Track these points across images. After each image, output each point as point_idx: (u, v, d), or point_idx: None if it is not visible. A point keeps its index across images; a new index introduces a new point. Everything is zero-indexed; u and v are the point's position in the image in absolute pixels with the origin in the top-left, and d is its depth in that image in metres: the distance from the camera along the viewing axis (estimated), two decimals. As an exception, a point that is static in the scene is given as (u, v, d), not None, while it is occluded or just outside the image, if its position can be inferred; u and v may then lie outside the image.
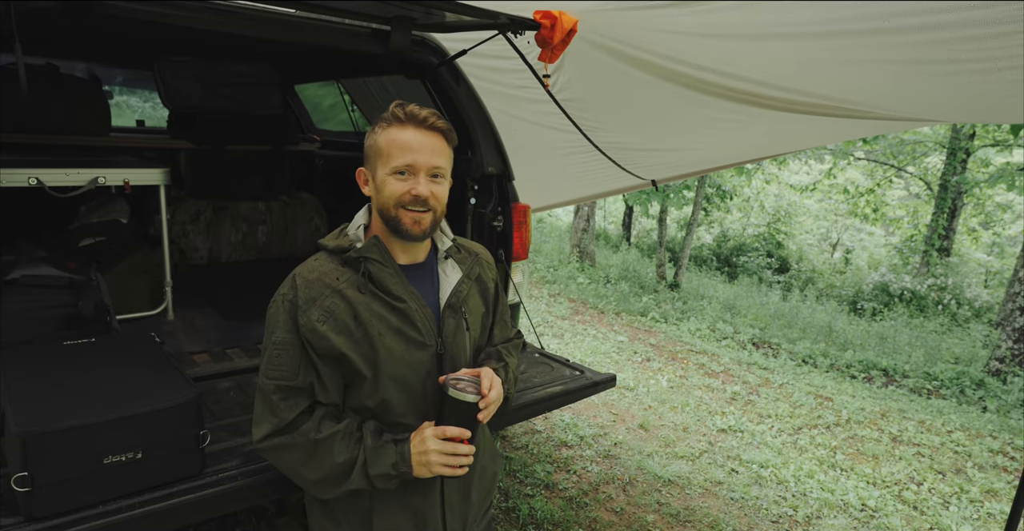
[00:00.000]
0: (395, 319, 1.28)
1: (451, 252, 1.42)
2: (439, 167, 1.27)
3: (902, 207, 14.31)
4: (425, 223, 1.27)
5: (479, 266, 1.47)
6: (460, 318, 1.36)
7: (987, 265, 12.99)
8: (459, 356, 1.36)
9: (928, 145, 11.60)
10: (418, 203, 1.25)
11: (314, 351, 1.25)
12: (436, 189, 1.27)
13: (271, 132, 3.65)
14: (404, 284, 1.30)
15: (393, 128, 1.26)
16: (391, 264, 1.30)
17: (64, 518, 1.42)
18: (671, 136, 3.18)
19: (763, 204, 15.31)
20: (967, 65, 1.65)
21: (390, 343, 1.27)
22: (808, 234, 16.19)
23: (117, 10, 1.79)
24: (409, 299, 1.30)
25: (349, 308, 1.26)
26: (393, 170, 1.25)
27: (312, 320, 1.24)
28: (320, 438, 1.24)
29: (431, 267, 1.39)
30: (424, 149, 1.25)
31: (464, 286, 1.39)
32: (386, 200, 1.27)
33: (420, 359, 1.31)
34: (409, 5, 1.89)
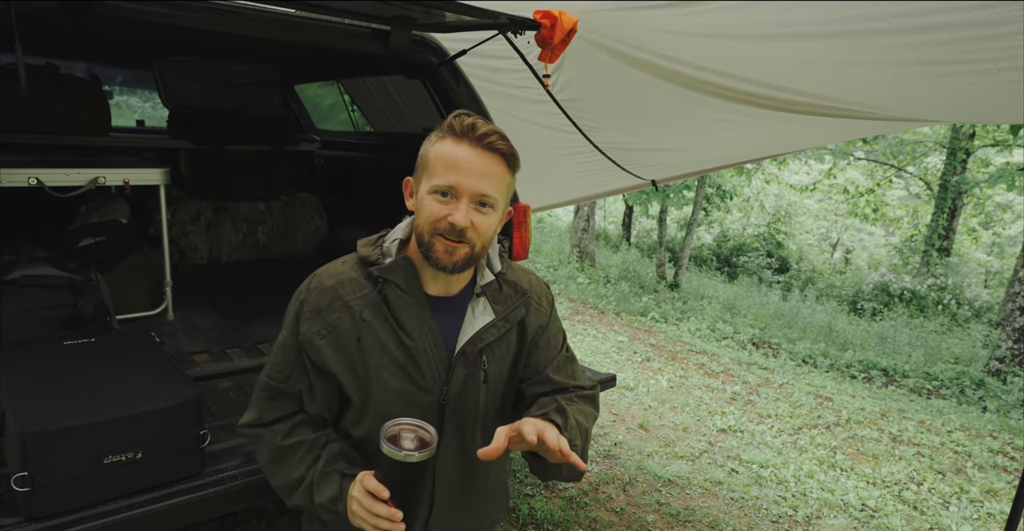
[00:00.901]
0: (400, 354, 1.14)
1: (489, 289, 1.21)
2: (487, 195, 1.08)
3: (902, 207, 14.31)
4: (459, 255, 1.09)
5: (525, 307, 1.24)
6: (476, 369, 1.18)
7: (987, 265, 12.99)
8: (467, 409, 1.19)
9: (928, 145, 11.60)
10: (453, 233, 1.07)
11: (310, 362, 1.16)
12: (479, 221, 1.08)
13: (271, 132, 3.65)
14: (422, 318, 1.14)
15: (447, 141, 1.10)
16: (414, 292, 1.14)
17: (64, 518, 1.42)
18: (671, 136, 3.18)
19: (763, 204, 15.32)
20: (967, 66, 1.65)
21: (387, 378, 1.13)
22: (808, 234, 16.19)
23: (117, 10, 1.79)
24: (420, 337, 1.14)
25: (354, 328, 1.13)
26: (434, 189, 1.08)
27: (311, 332, 1.14)
28: (285, 445, 1.16)
29: (463, 303, 1.20)
30: (473, 171, 1.07)
31: (493, 331, 1.18)
32: (422, 221, 1.10)
33: (419, 403, 1.16)
34: (409, 5, 1.89)
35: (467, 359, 1.17)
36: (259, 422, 1.20)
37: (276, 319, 3.03)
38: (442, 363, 1.16)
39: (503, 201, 1.13)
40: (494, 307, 1.20)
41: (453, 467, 1.23)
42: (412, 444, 1.01)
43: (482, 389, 1.19)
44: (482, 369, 1.18)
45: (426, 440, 1.02)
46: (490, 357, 1.19)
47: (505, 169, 1.11)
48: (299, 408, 1.20)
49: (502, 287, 1.23)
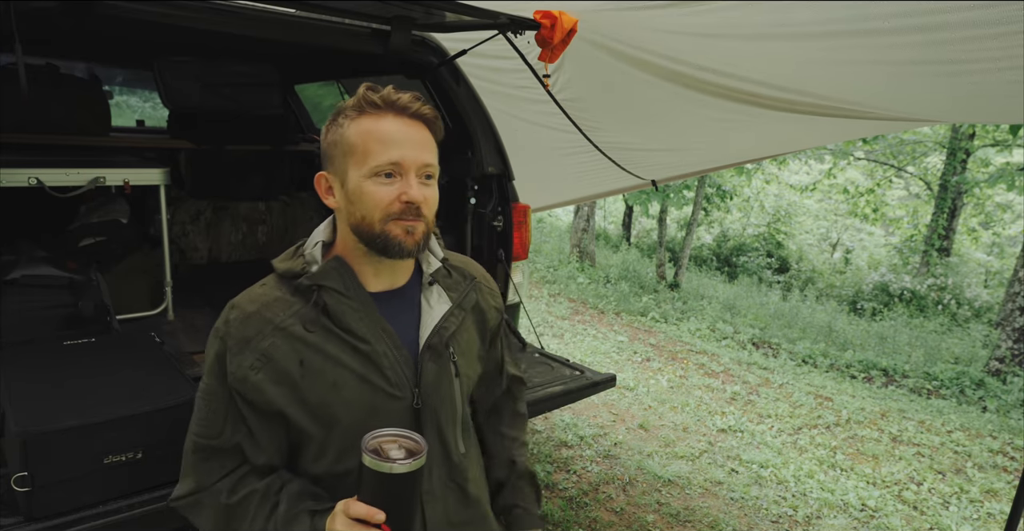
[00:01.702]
0: (357, 364, 0.99)
1: (439, 276, 1.11)
2: (430, 165, 0.99)
3: (902, 207, 14.31)
4: (419, 234, 0.99)
5: (477, 292, 1.16)
6: (446, 362, 1.06)
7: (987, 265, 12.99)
8: (444, 410, 1.06)
9: (928, 145, 11.60)
10: (410, 211, 0.96)
11: (246, 404, 0.98)
12: (428, 194, 0.99)
13: (271, 132, 3.65)
14: (372, 319, 1.01)
15: (366, 118, 0.98)
16: (356, 293, 1.01)
17: (64, 518, 1.42)
18: (671, 136, 3.18)
19: (763, 204, 15.32)
20: (967, 65, 1.65)
21: (349, 395, 0.98)
22: (808, 234, 16.19)
23: (118, 10, 1.79)
24: (376, 339, 1.00)
25: (293, 351, 0.97)
26: (373, 171, 0.96)
27: (243, 367, 0.96)
28: (232, 502, 0.98)
29: (412, 295, 1.08)
30: (411, 143, 0.97)
31: (453, 320, 1.09)
32: (368, 211, 0.97)
33: (389, 413, 1.00)
34: (409, 5, 1.89)
35: (435, 352, 1.05)
36: (198, 490, 1.03)
37: (276, 319, 3.01)
38: (406, 363, 1.02)
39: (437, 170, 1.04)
40: (448, 294, 1.11)
41: (442, 482, 1.08)
42: (400, 453, 0.87)
43: (456, 384, 1.07)
44: (452, 362, 1.07)
45: (413, 449, 0.87)
46: (456, 348, 1.09)
47: (431, 136, 1.02)
48: (241, 461, 1.02)
49: (451, 273, 1.14)
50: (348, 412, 0.99)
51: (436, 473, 1.07)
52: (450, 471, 1.10)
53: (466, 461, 1.13)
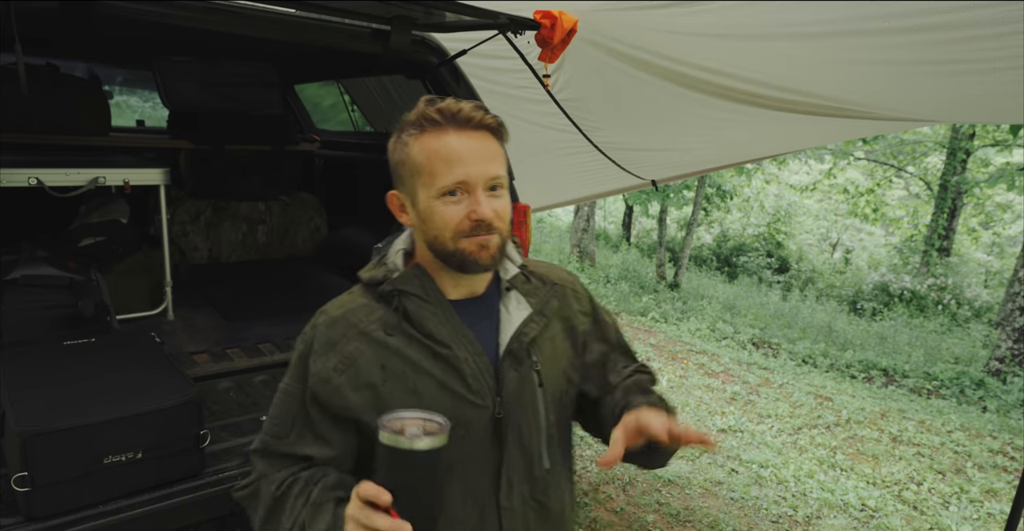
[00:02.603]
0: (438, 370, 0.99)
1: (517, 282, 1.08)
2: (497, 177, 0.97)
3: (902, 207, 14.30)
4: (493, 248, 0.97)
5: (559, 298, 1.12)
6: (527, 370, 1.03)
7: (987, 265, 12.99)
8: (526, 420, 1.03)
9: (928, 145, 11.60)
10: (481, 228, 0.95)
11: (322, 408, 0.98)
12: (499, 206, 0.97)
13: (271, 132, 3.65)
14: (453, 324, 1.01)
15: (428, 135, 0.96)
16: (435, 299, 1.01)
17: (64, 518, 1.42)
18: (671, 136, 3.18)
19: (763, 204, 15.31)
20: (967, 65, 1.65)
21: (430, 402, 0.97)
22: (808, 234, 16.19)
23: (117, 10, 1.79)
24: (457, 345, 0.99)
25: (376, 356, 0.98)
26: (440, 192, 0.95)
27: (327, 369, 0.98)
28: (279, 494, 0.97)
29: (491, 302, 1.07)
30: (476, 156, 0.95)
31: (533, 326, 1.05)
32: (439, 231, 0.96)
33: (469, 422, 0.99)
34: (409, 5, 1.89)
35: (516, 359, 1.02)
36: (257, 480, 1.02)
37: (276, 319, 3.04)
38: (487, 371, 1.00)
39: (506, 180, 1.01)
40: (528, 300, 1.07)
41: (522, 499, 1.04)
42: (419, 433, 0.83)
43: (539, 394, 1.04)
44: (534, 370, 1.04)
45: (433, 430, 0.83)
46: (539, 356, 1.05)
47: (498, 143, 0.99)
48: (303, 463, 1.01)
49: (529, 279, 1.10)
50: None
51: (517, 490, 1.03)
52: (532, 487, 1.05)
53: (550, 477, 1.07)
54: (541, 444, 1.05)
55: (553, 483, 1.08)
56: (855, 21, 1.56)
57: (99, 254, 2.69)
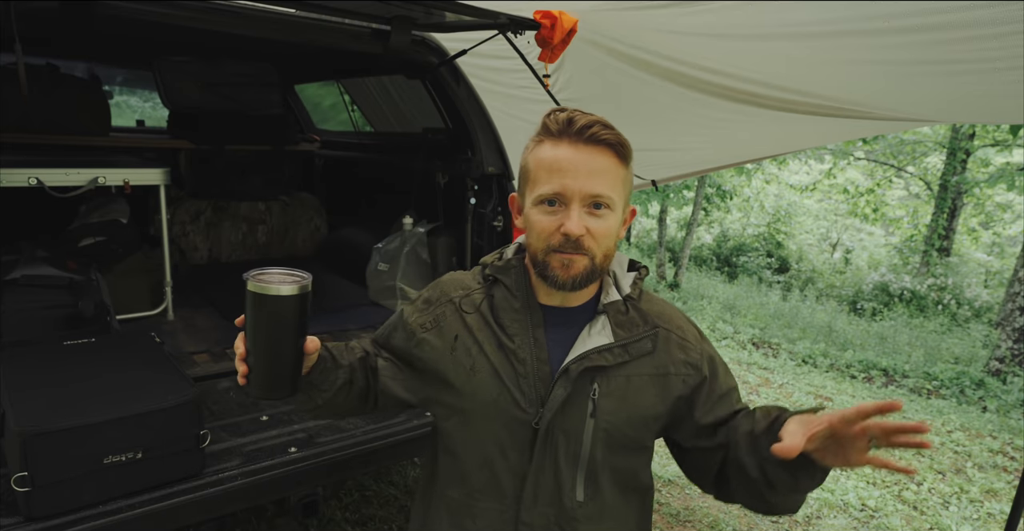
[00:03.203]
0: (497, 358, 1.02)
1: (611, 309, 1.03)
2: (599, 195, 0.94)
3: (902, 207, 14.30)
4: (576, 269, 0.95)
5: (656, 342, 1.04)
6: (581, 396, 1.00)
7: (987, 265, 12.98)
8: (564, 443, 1.01)
9: (928, 145, 11.59)
10: (569, 244, 0.94)
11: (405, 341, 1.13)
12: (595, 225, 0.94)
13: (271, 132, 3.66)
14: (527, 324, 1.02)
15: (545, 144, 0.97)
16: (522, 295, 1.04)
17: (64, 518, 1.42)
18: (671, 136, 3.18)
19: (763, 204, 15.31)
20: (967, 65, 1.65)
21: (479, 383, 1.02)
22: (808, 234, 16.18)
23: (118, 10, 1.79)
24: (523, 343, 1.01)
25: (455, 326, 1.06)
26: (538, 200, 0.96)
27: (417, 323, 1.10)
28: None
29: (580, 319, 1.04)
30: (579, 170, 0.93)
31: (607, 356, 1.00)
32: (534, 239, 0.98)
33: (508, 422, 1.01)
34: (409, 5, 1.89)
35: (569, 378, 0.99)
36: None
37: (276, 319, 3.01)
38: (544, 380, 1.00)
39: (620, 199, 0.97)
40: (615, 330, 1.02)
41: (544, 519, 1.03)
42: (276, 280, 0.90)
43: (588, 424, 0.99)
44: (591, 399, 0.99)
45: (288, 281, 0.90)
46: (603, 388, 1.00)
47: (615, 161, 0.96)
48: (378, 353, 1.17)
49: (628, 312, 1.04)
50: (472, 399, 1.03)
51: (540, 509, 1.03)
52: (558, 514, 1.04)
53: (585, 512, 1.04)
54: (577, 474, 1.02)
55: (588, 521, 1.04)
56: (855, 21, 1.56)
57: (99, 254, 2.69)
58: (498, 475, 1.04)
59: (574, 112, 0.97)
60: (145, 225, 3.26)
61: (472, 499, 1.06)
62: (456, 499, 1.09)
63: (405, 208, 3.14)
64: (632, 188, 1.05)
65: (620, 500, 1.08)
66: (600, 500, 1.05)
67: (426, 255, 3.00)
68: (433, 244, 2.97)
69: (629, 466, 1.07)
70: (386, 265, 3.06)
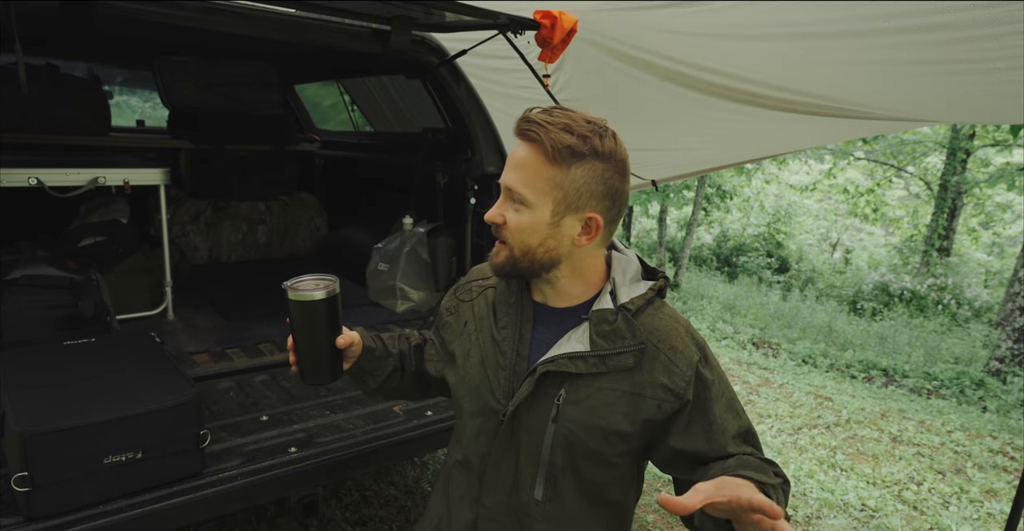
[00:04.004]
0: (488, 348, 1.09)
1: (598, 317, 1.00)
2: (511, 189, 0.96)
3: (902, 207, 14.30)
4: (500, 257, 1.00)
5: (639, 358, 0.99)
6: (545, 398, 1.01)
7: (987, 265, 12.98)
8: (528, 439, 1.03)
9: (928, 145, 11.59)
10: (495, 232, 1.00)
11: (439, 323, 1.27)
12: (511, 217, 0.97)
13: (271, 132, 3.65)
14: (518, 319, 1.07)
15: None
16: (517, 291, 1.09)
17: (64, 518, 1.42)
18: (671, 136, 3.18)
19: (763, 204, 15.31)
20: (967, 65, 1.65)
21: (469, 369, 1.12)
22: (808, 234, 16.18)
23: (118, 10, 1.79)
24: (507, 336, 1.07)
25: (469, 311, 1.17)
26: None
27: (445, 306, 1.24)
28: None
29: (567, 323, 1.04)
30: (512, 163, 0.97)
31: (579, 364, 0.98)
32: None
33: (482, 409, 1.08)
34: (409, 5, 1.89)
35: (533, 378, 1.00)
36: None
37: (276, 319, 3.04)
38: (519, 375, 1.04)
39: (539, 199, 0.94)
40: (595, 340, 0.99)
41: (502, 508, 1.07)
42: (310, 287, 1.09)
43: (549, 427, 1.00)
44: (555, 403, 0.99)
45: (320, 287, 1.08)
46: (571, 394, 0.99)
47: (542, 160, 0.93)
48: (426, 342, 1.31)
49: (615, 321, 0.99)
50: (462, 383, 1.14)
51: (499, 497, 1.08)
52: (516, 507, 1.07)
53: (539, 511, 1.05)
54: (536, 473, 1.03)
55: (547, 521, 1.05)
56: (855, 21, 1.56)
57: (99, 254, 2.69)
58: (470, 454, 1.12)
59: (536, 109, 0.98)
60: (145, 225, 3.26)
61: (455, 468, 1.18)
62: (448, 464, 1.22)
63: (405, 208, 3.15)
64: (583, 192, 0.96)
65: (585, 510, 1.06)
66: (560, 504, 1.05)
67: (426, 255, 3.00)
68: (433, 244, 2.97)
69: (594, 478, 1.04)
70: (386, 265, 3.05)
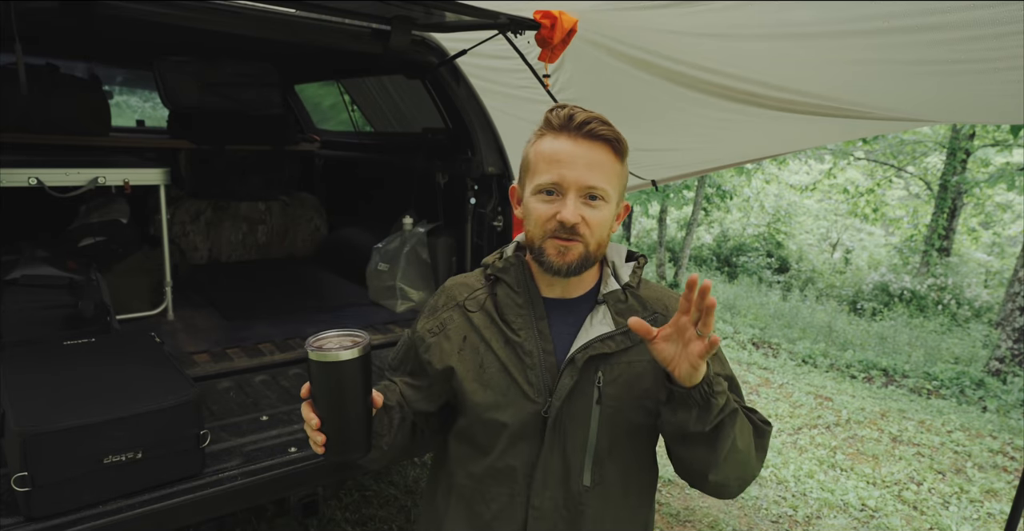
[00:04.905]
0: (505, 354, 1.07)
1: (611, 298, 1.09)
2: (594, 187, 0.99)
3: (902, 207, 14.30)
4: (572, 255, 1.01)
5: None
6: (587, 383, 1.04)
7: (987, 265, 12.98)
8: (572, 430, 1.05)
9: (928, 145, 11.59)
10: (564, 230, 0.99)
11: (417, 356, 1.17)
12: (590, 215, 1.00)
13: (271, 132, 3.66)
14: (531, 318, 1.07)
15: (546, 137, 1.03)
16: (525, 291, 1.09)
17: (64, 518, 1.42)
18: (671, 136, 3.18)
19: (763, 204, 15.31)
20: (967, 65, 1.65)
21: (489, 379, 1.07)
22: (808, 234, 16.18)
23: (118, 10, 1.79)
24: (528, 336, 1.06)
25: (462, 327, 1.12)
26: (538, 188, 1.02)
27: (424, 329, 1.15)
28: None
29: (582, 310, 1.09)
30: (576, 162, 0.99)
31: (610, 343, 1.04)
32: (531, 227, 1.04)
33: (518, 412, 1.06)
34: (409, 5, 1.89)
35: (575, 367, 1.03)
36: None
37: (276, 319, 3.04)
38: (550, 370, 1.05)
39: (615, 192, 1.03)
40: (615, 319, 1.07)
41: (553, 504, 1.08)
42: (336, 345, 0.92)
43: (594, 410, 1.04)
44: (596, 386, 1.04)
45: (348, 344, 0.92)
46: (608, 375, 1.04)
47: (612, 156, 1.02)
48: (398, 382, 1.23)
49: (627, 299, 1.09)
50: (484, 395, 1.07)
51: (550, 493, 1.08)
52: (566, 498, 1.08)
53: (591, 497, 1.07)
54: (584, 459, 1.07)
55: (594, 505, 1.08)
56: (855, 21, 1.56)
57: (99, 254, 2.70)
58: (510, 462, 1.08)
59: (575, 108, 1.02)
60: (145, 225, 3.26)
61: (484, 485, 1.11)
62: (467, 486, 1.13)
63: (405, 208, 3.14)
64: (627, 183, 1.09)
65: (624, 487, 1.12)
66: (606, 487, 1.09)
67: (426, 255, 3.00)
68: (433, 244, 2.97)
69: (634, 451, 1.12)
70: (386, 265, 3.06)
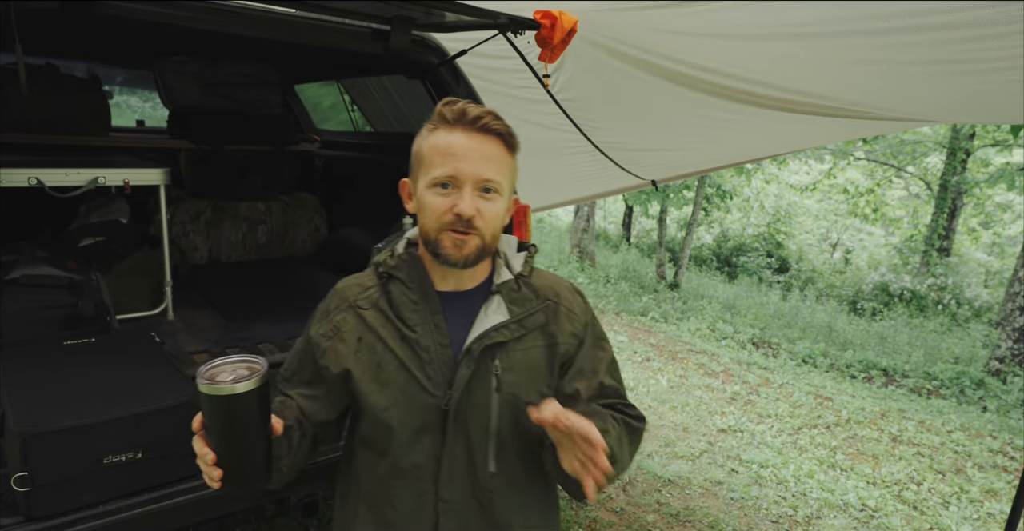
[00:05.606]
0: (402, 351, 1.07)
1: (504, 288, 1.11)
2: (489, 180, 1.01)
3: (902, 207, 14.30)
4: (469, 248, 1.02)
5: (549, 314, 1.13)
6: (485, 372, 1.06)
7: (987, 265, 12.98)
8: (474, 419, 1.07)
9: (928, 145, 11.59)
10: (461, 223, 1.00)
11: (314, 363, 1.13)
12: (485, 208, 1.01)
13: (271, 132, 3.66)
14: (426, 313, 1.08)
15: (439, 131, 1.03)
16: (419, 287, 1.09)
17: (64, 518, 1.42)
18: (671, 136, 3.18)
19: (763, 204, 15.31)
20: (967, 65, 1.65)
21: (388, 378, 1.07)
22: (808, 234, 16.18)
23: (118, 10, 1.79)
24: (424, 332, 1.07)
25: (356, 328, 1.10)
26: (433, 182, 1.02)
27: (318, 334, 1.13)
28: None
29: (476, 302, 1.11)
30: (471, 156, 1.00)
31: (505, 332, 1.07)
32: (426, 220, 1.04)
33: (419, 407, 1.06)
34: (409, 5, 1.89)
35: (472, 358, 1.05)
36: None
37: (276, 319, 3.04)
38: (448, 363, 1.06)
39: (508, 185, 1.05)
40: (510, 308, 1.10)
41: (462, 494, 1.09)
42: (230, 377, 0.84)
43: (494, 398, 1.06)
44: (493, 375, 1.06)
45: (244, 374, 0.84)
46: (504, 363, 1.07)
47: (504, 150, 1.04)
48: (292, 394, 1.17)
49: (520, 288, 1.12)
50: (383, 395, 1.07)
51: (458, 484, 1.09)
52: (474, 487, 1.09)
53: (498, 485, 1.10)
54: (488, 447, 1.09)
55: (502, 493, 1.11)
56: (855, 21, 1.56)
57: (99, 254, 2.69)
58: (414, 459, 1.08)
59: (467, 103, 1.04)
60: (145, 225, 3.26)
61: (390, 487, 1.10)
62: (373, 491, 1.13)
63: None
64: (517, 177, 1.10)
65: (527, 470, 1.14)
66: (511, 471, 1.11)
67: (426, 255, 3.00)
68: (433, 244, 2.97)
69: (533, 434, 1.11)
70: (386, 265, 3.05)
